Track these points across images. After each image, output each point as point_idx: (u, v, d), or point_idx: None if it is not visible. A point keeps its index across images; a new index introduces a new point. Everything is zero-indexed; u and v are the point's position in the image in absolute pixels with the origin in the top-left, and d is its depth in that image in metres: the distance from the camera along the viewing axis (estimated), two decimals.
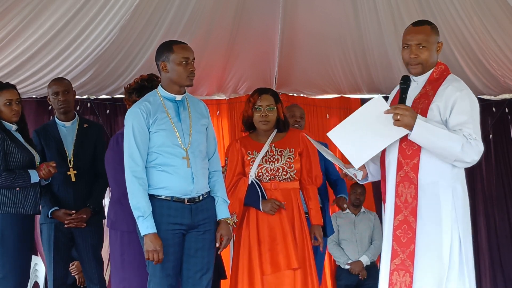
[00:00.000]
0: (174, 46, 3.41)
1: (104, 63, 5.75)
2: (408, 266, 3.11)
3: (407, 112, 3.02)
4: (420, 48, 3.17)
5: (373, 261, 5.99)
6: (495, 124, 6.77)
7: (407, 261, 3.12)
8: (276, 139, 4.03)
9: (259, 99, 3.99)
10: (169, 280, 3.36)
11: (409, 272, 3.11)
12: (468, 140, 3.04)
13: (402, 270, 3.13)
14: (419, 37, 3.17)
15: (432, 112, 3.12)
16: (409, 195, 3.13)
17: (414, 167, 3.13)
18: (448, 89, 3.14)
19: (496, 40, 5.68)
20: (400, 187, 3.15)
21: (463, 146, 3.02)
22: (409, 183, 3.13)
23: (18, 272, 4.01)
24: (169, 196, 3.35)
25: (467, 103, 3.12)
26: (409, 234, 3.12)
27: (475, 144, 3.04)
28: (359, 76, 6.58)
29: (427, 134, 3.04)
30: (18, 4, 4.82)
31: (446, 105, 3.11)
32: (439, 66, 3.25)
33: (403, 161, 3.15)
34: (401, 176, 3.16)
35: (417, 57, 3.17)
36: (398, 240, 3.15)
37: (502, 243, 6.77)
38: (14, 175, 3.98)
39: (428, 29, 3.22)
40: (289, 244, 3.83)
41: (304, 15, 5.89)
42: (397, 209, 3.16)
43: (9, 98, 4.08)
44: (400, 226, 3.15)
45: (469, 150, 3.04)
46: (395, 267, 3.15)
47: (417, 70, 3.21)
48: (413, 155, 3.13)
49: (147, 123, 3.36)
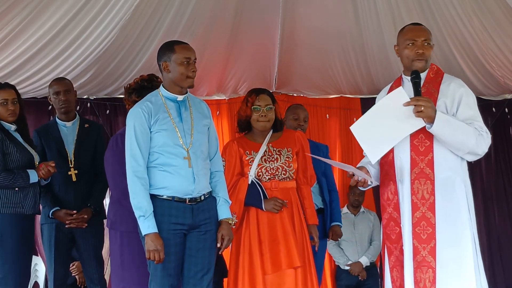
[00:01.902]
0: (175, 46, 3.42)
1: (104, 63, 5.75)
2: (430, 262, 3.15)
3: (429, 104, 3.09)
4: (426, 45, 3.30)
5: (373, 262, 6.00)
6: (495, 124, 6.77)
7: (428, 257, 3.15)
8: (273, 139, 4.05)
9: (257, 99, 4.00)
10: (170, 280, 3.36)
11: (432, 268, 3.14)
12: (480, 133, 3.16)
13: (425, 267, 3.16)
14: (425, 35, 3.32)
15: (439, 109, 3.18)
16: (425, 191, 3.18)
17: (429, 163, 3.18)
18: (452, 86, 3.26)
19: (495, 41, 5.68)
20: (415, 184, 3.20)
21: (477, 138, 3.14)
22: (425, 179, 3.18)
23: (18, 272, 4.01)
24: (170, 196, 3.36)
25: (472, 98, 3.26)
26: (429, 230, 3.16)
27: (486, 137, 3.18)
28: (359, 76, 6.58)
29: (448, 126, 3.12)
30: (18, 4, 4.82)
31: (452, 100, 3.22)
32: (432, 66, 3.38)
33: (417, 158, 3.20)
34: (416, 173, 3.20)
35: (423, 52, 3.29)
36: (418, 237, 3.17)
37: (502, 243, 6.78)
38: (13, 175, 3.98)
39: (427, 29, 3.39)
40: (290, 242, 3.83)
41: (304, 15, 5.89)
42: (414, 206, 3.20)
43: (5, 98, 4.08)
44: (419, 223, 3.18)
45: (481, 142, 3.16)
46: (417, 265, 3.17)
47: (422, 64, 3.31)
48: (427, 151, 3.19)
49: (148, 123, 3.36)
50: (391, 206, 3.27)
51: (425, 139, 3.20)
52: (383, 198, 3.38)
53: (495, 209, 6.83)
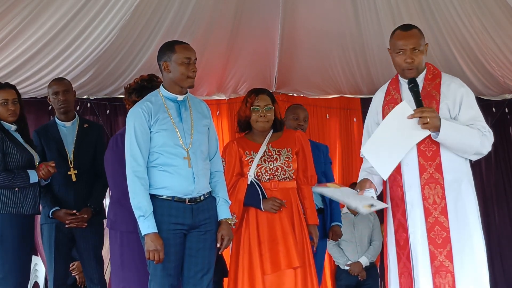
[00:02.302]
0: (176, 46, 3.41)
1: (104, 63, 5.75)
2: (448, 266, 3.14)
3: (434, 114, 3.09)
4: (415, 52, 3.23)
5: (373, 262, 6.00)
6: (495, 124, 6.77)
7: (446, 261, 3.14)
8: (273, 139, 4.04)
9: (257, 99, 4.00)
10: (170, 280, 3.36)
11: (450, 272, 3.13)
12: (483, 133, 3.17)
13: (443, 272, 3.15)
14: (413, 41, 3.23)
15: (442, 112, 3.18)
16: (436, 195, 3.18)
17: (437, 167, 3.18)
18: (452, 87, 3.23)
19: (495, 40, 5.68)
20: (426, 189, 3.19)
21: (481, 139, 3.16)
22: (435, 183, 3.18)
23: (18, 272, 4.01)
24: (170, 196, 3.35)
25: (472, 97, 3.25)
26: (443, 234, 3.15)
27: (489, 136, 3.20)
28: (359, 76, 6.59)
29: (453, 132, 3.12)
30: (18, 4, 4.82)
31: (454, 101, 3.20)
32: (428, 65, 3.34)
33: (425, 164, 3.19)
34: (426, 178, 3.20)
35: (413, 61, 3.24)
36: (434, 242, 3.16)
37: (502, 243, 6.78)
38: (12, 175, 3.98)
39: (417, 32, 3.28)
40: (290, 243, 3.83)
41: (304, 15, 5.89)
42: (426, 211, 3.19)
43: (5, 98, 4.08)
44: (432, 228, 3.17)
45: (485, 142, 3.18)
46: (435, 270, 3.15)
47: (413, 74, 3.27)
48: (434, 156, 3.19)
49: (148, 123, 3.36)
50: (399, 213, 3.25)
51: (432, 144, 3.19)
52: (392, 204, 3.36)
53: (495, 209, 6.83)
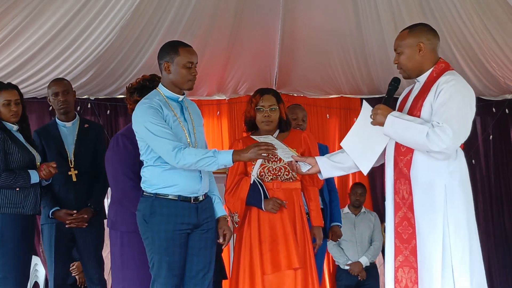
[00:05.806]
0: (180, 49, 3.37)
1: (104, 63, 5.75)
2: (412, 262, 3.12)
3: (379, 111, 3.13)
4: (398, 54, 3.26)
5: (373, 262, 6.00)
6: (495, 124, 6.78)
7: (410, 257, 3.13)
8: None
9: (261, 99, 3.98)
10: (174, 281, 3.35)
11: (413, 268, 3.11)
12: (433, 128, 3.00)
13: (406, 267, 3.13)
14: (396, 44, 3.28)
15: (424, 109, 3.14)
16: (405, 191, 3.16)
17: (406, 164, 3.16)
18: (437, 83, 3.14)
19: (496, 40, 5.68)
20: (397, 184, 3.19)
21: (428, 134, 2.99)
22: (404, 179, 3.16)
23: (18, 272, 4.01)
24: (176, 195, 3.34)
25: (448, 93, 3.07)
26: (410, 230, 3.14)
27: (439, 130, 2.98)
28: (359, 76, 6.59)
29: (395, 128, 3.10)
30: (18, 5, 4.83)
31: (434, 99, 3.11)
32: (439, 64, 3.24)
33: (398, 158, 3.19)
34: (397, 173, 3.19)
35: (397, 62, 3.27)
36: (400, 237, 3.16)
37: (501, 243, 6.77)
38: (14, 175, 3.98)
39: (404, 33, 3.26)
40: (290, 244, 3.83)
41: (304, 15, 5.90)
42: (396, 206, 3.19)
43: (8, 99, 4.08)
44: (401, 223, 3.17)
45: (434, 137, 2.98)
46: (400, 264, 3.15)
47: (403, 74, 3.29)
48: (407, 152, 3.16)
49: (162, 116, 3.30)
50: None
51: None
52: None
53: (495, 209, 6.82)
